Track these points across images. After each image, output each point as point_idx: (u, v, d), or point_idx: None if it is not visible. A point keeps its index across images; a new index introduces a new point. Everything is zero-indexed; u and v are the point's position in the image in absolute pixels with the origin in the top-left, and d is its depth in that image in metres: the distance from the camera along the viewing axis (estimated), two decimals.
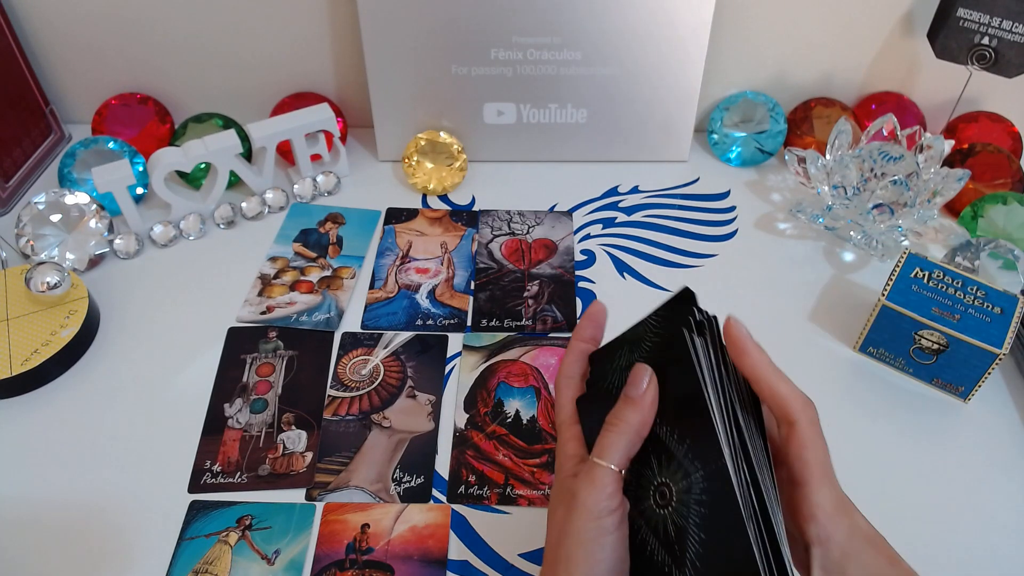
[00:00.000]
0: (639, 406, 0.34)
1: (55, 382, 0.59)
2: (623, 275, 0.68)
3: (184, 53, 0.78)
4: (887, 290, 0.57)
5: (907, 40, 0.76)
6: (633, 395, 0.35)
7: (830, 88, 0.80)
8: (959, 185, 0.64)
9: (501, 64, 0.73)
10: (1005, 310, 0.55)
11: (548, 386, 0.58)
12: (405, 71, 0.73)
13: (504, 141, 0.78)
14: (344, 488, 0.52)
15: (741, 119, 0.79)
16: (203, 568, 0.48)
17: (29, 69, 0.77)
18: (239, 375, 0.59)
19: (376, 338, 0.62)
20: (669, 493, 0.33)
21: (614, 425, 0.35)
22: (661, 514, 0.33)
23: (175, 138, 0.76)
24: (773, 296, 0.65)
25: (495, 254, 0.69)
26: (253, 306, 0.64)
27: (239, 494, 0.52)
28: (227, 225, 0.72)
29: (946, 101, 0.79)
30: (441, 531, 0.50)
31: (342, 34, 0.76)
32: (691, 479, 0.32)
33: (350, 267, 0.68)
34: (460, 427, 0.56)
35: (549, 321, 0.63)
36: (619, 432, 0.34)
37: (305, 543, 0.49)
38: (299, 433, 0.55)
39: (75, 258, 0.66)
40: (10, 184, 0.74)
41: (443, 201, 0.75)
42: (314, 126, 0.73)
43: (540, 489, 0.52)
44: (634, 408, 0.34)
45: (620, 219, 0.73)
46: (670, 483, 0.33)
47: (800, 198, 0.75)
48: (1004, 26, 0.68)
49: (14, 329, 0.60)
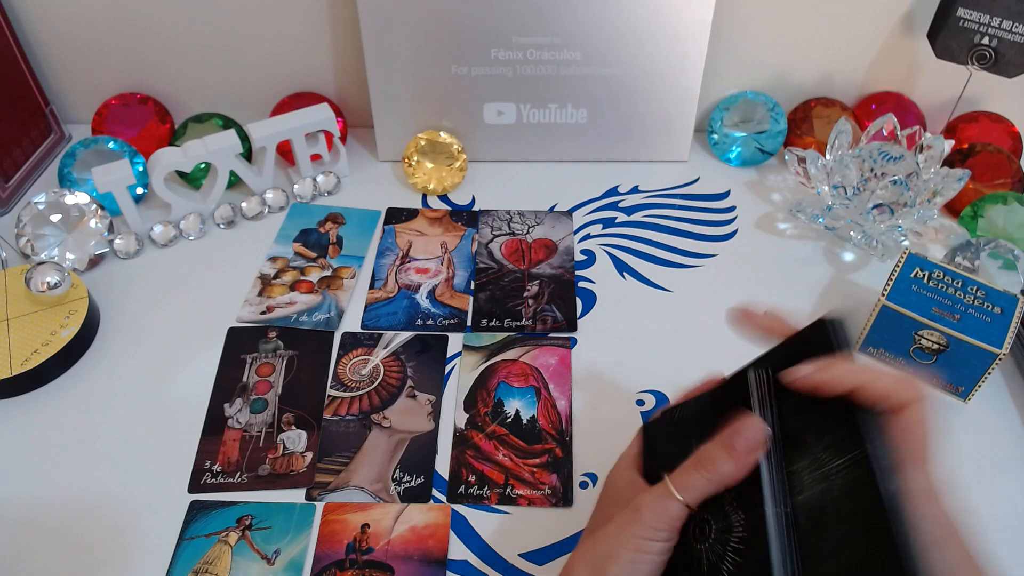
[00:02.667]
0: (739, 462, 0.33)
1: (55, 382, 0.59)
2: (623, 275, 0.68)
3: (184, 53, 0.78)
4: (887, 290, 0.57)
5: (907, 40, 0.76)
6: (739, 448, 0.33)
7: (830, 88, 0.80)
8: (959, 185, 0.64)
9: (501, 64, 0.73)
10: (1005, 310, 0.55)
11: (548, 386, 0.58)
12: (405, 71, 0.73)
13: (504, 141, 0.78)
14: (344, 488, 0.52)
15: (741, 119, 0.79)
16: (203, 568, 0.48)
17: (29, 69, 0.77)
18: (239, 375, 0.59)
19: (376, 338, 0.62)
20: (708, 529, 0.33)
21: (704, 466, 0.34)
22: (698, 548, 0.33)
23: (175, 138, 0.76)
24: (773, 296, 0.65)
25: (495, 254, 0.69)
26: (253, 306, 0.64)
27: (239, 494, 0.52)
28: (227, 225, 0.72)
29: (946, 101, 0.79)
30: (441, 531, 0.50)
31: (342, 34, 0.76)
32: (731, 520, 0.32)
33: (350, 267, 0.68)
34: (460, 427, 0.56)
35: (549, 321, 0.63)
36: (708, 477, 0.34)
37: (305, 543, 0.49)
38: (299, 433, 0.55)
39: (75, 258, 0.66)
40: (10, 184, 0.74)
41: (443, 201, 0.75)
42: (314, 126, 0.73)
43: (540, 489, 0.52)
44: (734, 462, 0.33)
45: (620, 219, 0.73)
46: (711, 520, 0.33)
47: (800, 198, 0.75)
48: (1004, 26, 0.68)
49: (14, 329, 0.60)
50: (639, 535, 0.34)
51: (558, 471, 0.53)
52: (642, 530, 0.34)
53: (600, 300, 0.65)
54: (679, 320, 0.64)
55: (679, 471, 0.35)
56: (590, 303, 0.65)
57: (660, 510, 0.34)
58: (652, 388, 0.58)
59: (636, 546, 0.34)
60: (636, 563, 0.34)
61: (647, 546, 0.34)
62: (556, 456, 0.54)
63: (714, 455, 0.34)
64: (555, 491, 0.52)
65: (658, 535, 0.34)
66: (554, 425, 0.56)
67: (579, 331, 0.63)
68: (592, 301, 0.65)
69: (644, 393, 0.58)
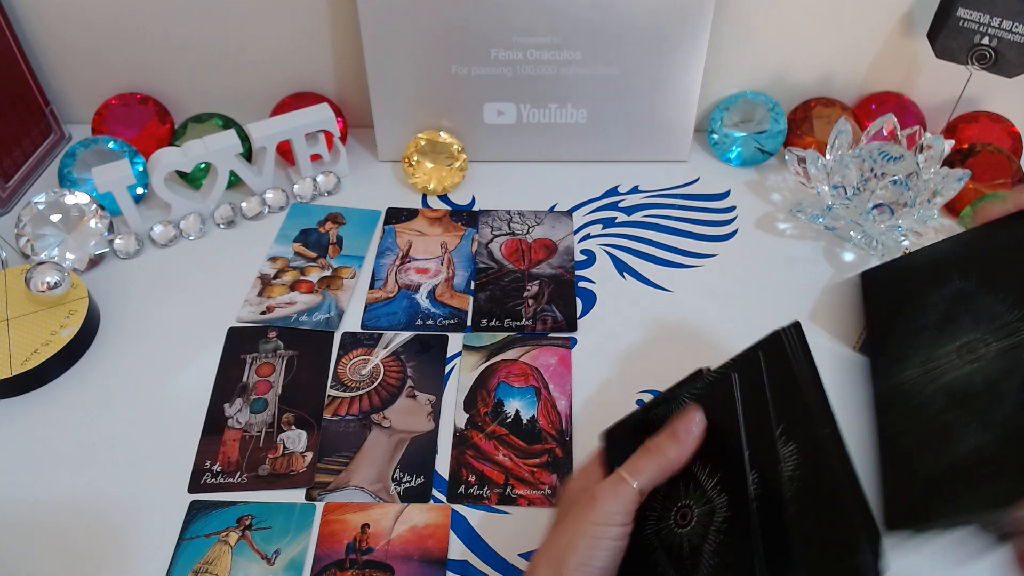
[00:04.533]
0: (682, 444, 0.37)
1: (55, 382, 0.59)
2: (623, 275, 0.68)
3: (184, 53, 0.78)
4: None
5: (907, 40, 0.76)
6: (680, 433, 0.37)
7: (830, 88, 0.80)
8: (959, 185, 0.64)
9: (501, 64, 0.73)
10: None
11: (548, 386, 0.58)
12: (405, 71, 0.73)
13: (504, 141, 0.78)
14: (344, 488, 0.52)
15: (741, 119, 0.79)
16: (203, 568, 0.48)
17: (29, 69, 0.77)
18: (239, 375, 0.59)
19: (376, 338, 0.62)
20: (690, 515, 0.36)
21: (652, 452, 0.38)
22: (679, 533, 0.36)
23: (175, 138, 0.76)
24: (773, 296, 0.65)
25: (495, 254, 0.69)
26: (253, 306, 0.64)
27: (239, 494, 0.52)
28: (227, 225, 0.72)
29: (946, 101, 0.79)
30: (441, 531, 0.50)
31: (342, 34, 0.76)
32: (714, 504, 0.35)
33: (350, 267, 0.68)
34: (460, 427, 0.56)
35: (549, 321, 0.63)
36: (654, 460, 0.37)
37: (305, 543, 0.49)
38: (299, 433, 0.55)
39: (75, 258, 0.66)
40: (10, 184, 0.74)
41: (443, 201, 0.75)
42: (314, 126, 0.73)
43: (540, 489, 0.52)
44: (676, 445, 0.37)
45: (620, 219, 0.73)
46: (693, 505, 0.36)
47: (800, 198, 0.75)
48: (1004, 26, 0.68)
49: (14, 329, 0.60)
50: (595, 521, 0.36)
51: (558, 471, 0.53)
52: (597, 515, 0.36)
53: (600, 300, 0.65)
54: (679, 320, 0.64)
55: (630, 460, 0.38)
56: (590, 303, 0.65)
57: (614, 495, 0.36)
58: (652, 388, 0.58)
59: (593, 532, 0.36)
60: (593, 549, 0.35)
61: (603, 531, 0.36)
62: (556, 456, 0.54)
63: (660, 442, 0.38)
64: (555, 491, 0.52)
65: (613, 518, 0.36)
66: (554, 425, 0.56)
67: (579, 331, 0.63)
68: (592, 301, 0.65)
69: (644, 393, 0.58)
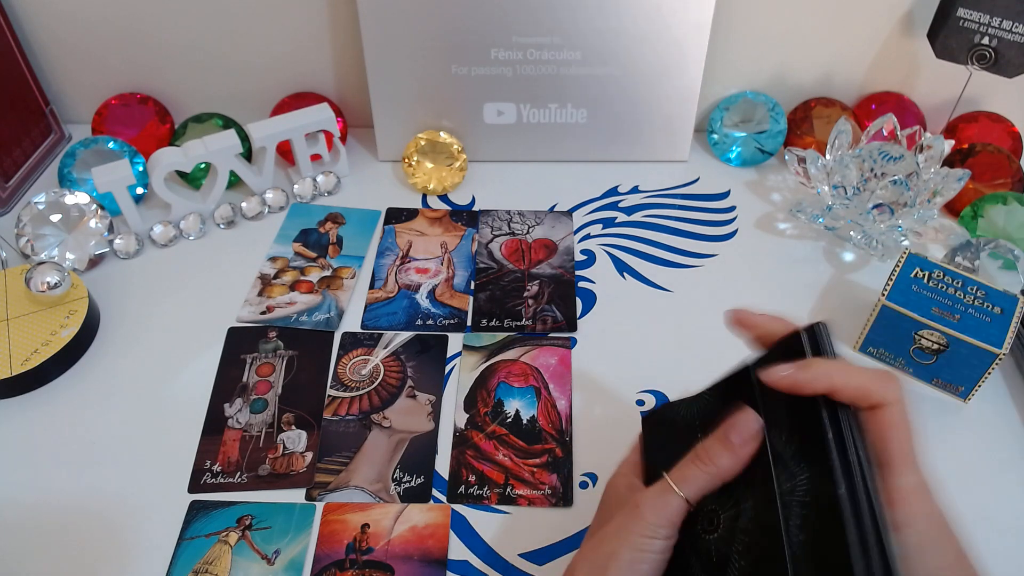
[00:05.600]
0: (736, 455, 0.34)
1: (55, 382, 0.59)
2: (623, 275, 0.68)
3: (184, 53, 0.78)
4: (887, 290, 0.57)
5: (907, 40, 0.76)
6: (735, 441, 0.34)
7: (830, 88, 0.80)
8: (959, 185, 0.64)
9: (501, 64, 0.73)
10: (1005, 310, 0.55)
11: (548, 386, 0.58)
12: (405, 71, 0.73)
13: (504, 141, 0.78)
14: (344, 488, 0.52)
15: (741, 119, 0.79)
16: (203, 568, 0.48)
17: (29, 69, 0.77)
18: (239, 375, 0.59)
19: (376, 338, 0.62)
20: (717, 521, 0.34)
21: (703, 462, 0.34)
22: (707, 539, 0.34)
23: (175, 138, 0.76)
24: (773, 296, 0.65)
25: (495, 254, 0.69)
26: (253, 306, 0.64)
27: (239, 494, 0.52)
28: (227, 225, 0.72)
29: (946, 101, 0.79)
30: (441, 531, 0.50)
31: (342, 34, 0.76)
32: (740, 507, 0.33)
33: (350, 267, 0.68)
34: (460, 427, 0.56)
35: (549, 321, 0.63)
36: (706, 471, 0.34)
37: (305, 543, 0.49)
38: (299, 433, 0.55)
39: (75, 258, 0.66)
40: (10, 184, 0.74)
41: (443, 201, 0.75)
42: (314, 126, 0.73)
43: (540, 489, 0.52)
44: (731, 455, 0.34)
45: (620, 219, 0.73)
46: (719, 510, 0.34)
47: (800, 198, 0.75)
48: (1004, 26, 0.68)
49: (14, 329, 0.60)
50: (639, 532, 0.34)
51: (558, 471, 0.53)
52: (642, 527, 0.34)
53: (600, 300, 0.65)
54: (679, 320, 0.64)
55: (678, 467, 0.35)
56: (590, 303, 0.65)
57: (660, 505, 0.34)
58: (652, 388, 0.58)
59: (637, 544, 0.34)
60: (636, 562, 0.33)
61: (648, 544, 0.34)
62: (556, 456, 0.54)
63: (711, 449, 0.34)
64: (555, 491, 0.52)
65: (658, 532, 0.34)
66: (554, 425, 0.56)
67: (579, 331, 0.63)
68: (592, 301, 0.65)
69: (644, 393, 0.58)
